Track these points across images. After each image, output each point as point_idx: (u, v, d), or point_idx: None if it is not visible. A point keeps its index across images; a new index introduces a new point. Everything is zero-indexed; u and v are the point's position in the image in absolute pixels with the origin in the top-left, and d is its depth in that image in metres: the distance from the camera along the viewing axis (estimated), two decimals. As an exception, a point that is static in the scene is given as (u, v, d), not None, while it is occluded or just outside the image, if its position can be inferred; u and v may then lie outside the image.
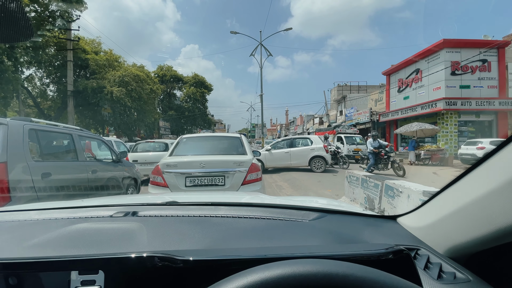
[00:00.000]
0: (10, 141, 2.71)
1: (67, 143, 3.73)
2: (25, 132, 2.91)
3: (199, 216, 0.98)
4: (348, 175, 5.32)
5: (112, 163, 4.59)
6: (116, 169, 4.60)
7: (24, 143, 2.85)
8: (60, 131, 3.65)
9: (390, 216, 1.05)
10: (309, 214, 1.03)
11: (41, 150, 3.22)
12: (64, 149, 3.77)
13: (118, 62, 22.82)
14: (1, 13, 0.51)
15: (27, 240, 0.77)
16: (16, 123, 2.87)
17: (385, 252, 0.59)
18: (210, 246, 0.75)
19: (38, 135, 3.15)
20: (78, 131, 3.92)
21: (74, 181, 3.49)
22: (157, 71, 35.08)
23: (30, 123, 3.07)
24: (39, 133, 3.17)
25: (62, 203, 1.30)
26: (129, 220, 0.94)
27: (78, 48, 18.05)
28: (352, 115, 24.97)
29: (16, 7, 0.53)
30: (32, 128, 3.04)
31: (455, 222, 0.69)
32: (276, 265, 0.45)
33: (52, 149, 3.63)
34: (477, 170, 0.64)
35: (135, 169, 5.47)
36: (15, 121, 2.90)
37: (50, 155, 3.48)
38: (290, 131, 52.54)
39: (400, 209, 3.27)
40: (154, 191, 3.46)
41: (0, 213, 1.10)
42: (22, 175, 2.77)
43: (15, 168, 2.70)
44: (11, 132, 2.75)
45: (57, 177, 3.19)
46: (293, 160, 10.66)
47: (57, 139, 3.77)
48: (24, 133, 2.90)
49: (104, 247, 0.72)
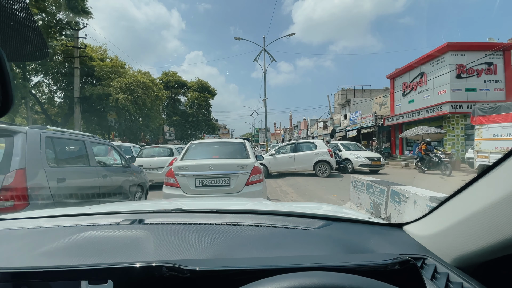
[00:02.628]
0: (29, 149, 2.83)
1: (80, 149, 3.88)
2: (42, 139, 3.05)
3: (205, 223, 0.99)
4: (353, 180, 5.28)
5: (122, 168, 4.76)
6: (125, 173, 4.76)
7: (41, 150, 2.99)
8: (73, 138, 3.81)
9: (397, 224, 1.04)
10: (315, 222, 1.03)
11: (56, 156, 3.36)
12: (77, 155, 3.91)
13: (123, 68, 23.16)
14: (18, 32, 0.53)
15: (36, 248, 0.78)
16: (34, 131, 3.01)
17: (391, 263, 0.59)
18: (216, 254, 0.75)
19: (53, 142, 3.30)
20: (90, 137, 4.07)
21: (86, 186, 3.64)
22: (161, 77, 35.53)
23: (46, 131, 3.22)
24: (54, 140, 3.32)
25: (70, 209, 1.32)
26: (136, 228, 0.95)
27: (85, 55, 18.40)
28: (357, 119, 24.85)
29: (31, 27, 0.55)
30: (48, 135, 3.19)
31: (463, 231, 0.69)
32: (282, 278, 0.45)
33: (66, 155, 3.78)
34: (485, 178, 0.63)
35: (143, 173, 5.61)
36: (32, 129, 3.04)
37: (65, 161, 3.63)
38: (294, 135, 52.45)
39: (406, 215, 3.23)
40: (168, 191, 3.86)
41: (10, 221, 1.12)
42: (40, 180, 2.89)
43: (33, 173, 2.82)
44: (29, 140, 2.88)
45: (71, 181, 3.33)
46: (298, 165, 10.60)
47: (71, 145, 3.92)
48: (41, 140, 3.04)
49: (112, 256, 0.73)
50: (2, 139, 2.88)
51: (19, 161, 2.72)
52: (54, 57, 17.90)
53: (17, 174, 2.67)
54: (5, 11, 0.47)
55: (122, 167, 4.79)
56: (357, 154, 11.69)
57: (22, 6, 0.48)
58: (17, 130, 2.87)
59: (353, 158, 11.51)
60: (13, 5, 0.47)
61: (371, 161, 11.21)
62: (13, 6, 0.47)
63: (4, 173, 2.65)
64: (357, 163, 11.29)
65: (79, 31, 16.59)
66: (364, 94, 30.60)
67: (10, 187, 2.61)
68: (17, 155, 2.74)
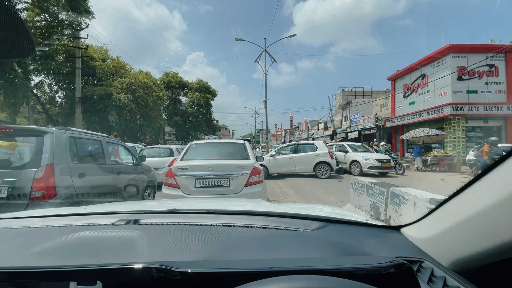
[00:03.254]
0: (56, 147, 3.24)
1: (97, 148, 4.28)
2: (66, 139, 3.45)
3: (200, 224, 0.98)
4: (353, 181, 5.26)
5: (133, 166, 5.16)
6: (136, 171, 5.19)
7: (65, 148, 3.39)
8: (92, 138, 4.20)
9: (394, 226, 1.03)
10: (311, 224, 1.02)
11: (78, 154, 3.73)
12: (95, 153, 4.27)
13: (125, 69, 23.22)
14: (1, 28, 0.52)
15: (29, 248, 0.78)
16: (60, 132, 3.43)
17: (387, 266, 0.58)
18: (211, 256, 0.74)
19: (75, 142, 3.68)
20: (106, 138, 4.53)
21: (102, 181, 4.04)
22: (163, 77, 35.60)
23: (69, 131, 3.62)
24: (76, 140, 3.70)
25: (65, 209, 1.31)
26: (130, 229, 0.94)
27: (87, 55, 18.46)
28: (357, 120, 24.84)
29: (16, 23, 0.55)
30: (71, 136, 3.59)
31: (460, 234, 0.67)
32: (271, 281, 0.45)
33: (85, 153, 4.13)
34: (484, 180, 0.62)
35: (152, 172, 6.01)
36: (58, 130, 3.45)
37: (85, 159, 4.00)
38: (295, 136, 52.42)
39: (406, 217, 3.21)
40: (168, 191, 3.86)
41: (4, 220, 1.12)
42: (64, 175, 3.27)
43: (59, 168, 3.20)
44: (56, 140, 3.28)
45: (90, 177, 3.72)
46: (298, 166, 10.56)
47: (90, 145, 4.27)
48: (66, 140, 3.45)
49: (104, 257, 0.72)
50: (31, 139, 3.39)
51: (48, 158, 3.11)
52: (55, 57, 17.97)
53: (47, 169, 3.06)
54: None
55: (133, 165, 5.16)
56: (366, 155, 11.16)
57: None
58: (46, 131, 3.28)
59: (361, 159, 11.00)
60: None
61: (380, 163, 10.69)
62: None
63: (35, 167, 3.03)
64: (366, 165, 10.77)
65: (81, 31, 16.65)
66: (365, 95, 30.57)
67: (41, 179, 2.99)
68: (46, 152, 3.13)
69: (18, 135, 3.57)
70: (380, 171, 10.89)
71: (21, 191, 2.95)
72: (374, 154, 11.63)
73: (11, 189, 2.94)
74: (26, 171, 3.04)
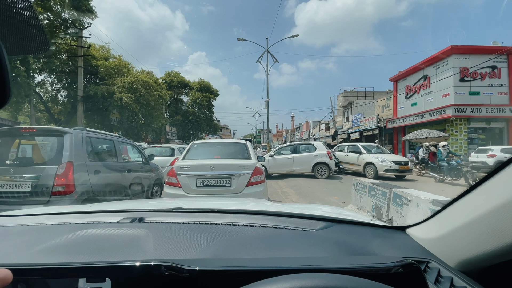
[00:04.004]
0: (75, 146, 3.49)
1: (110, 147, 4.55)
2: (83, 138, 3.71)
3: (205, 223, 0.98)
4: (355, 182, 5.25)
5: (142, 164, 5.41)
6: (145, 169, 5.47)
7: (83, 147, 3.65)
8: (105, 138, 4.46)
9: (399, 227, 1.03)
10: (316, 223, 1.02)
11: (93, 152, 3.97)
12: (108, 152, 4.52)
13: (127, 68, 23.26)
14: (16, 23, 0.53)
15: (35, 245, 0.78)
16: (78, 132, 3.68)
17: (395, 266, 0.58)
18: (216, 254, 0.74)
19: (91, 141, 3.93)
20: (118, 137, 4.83)
21: (115, 177, 4.29)
22: (164, 77, 35.67)
23: (86, 131, 3.88)
24: (91, 139, 3.95)
25: (70, 207, 1.31)
26: (136, 227, 0.95)
27: (89, 54, 18.51)
28: (359, 121, 24.80)
29: (32, 19, 0.55)
30: (87, 135, 3.84)
31: (467, 234, 0.67)
32: (284, 279, 0.44)
33: (100, 152, 4.37)
34: (491, 181, 0.62)
35: (159, 170, 6.25)
36: (76, 130, 3.69)
37: (99, 157, 4.23)
38: (296, 137, 52.38)
39: (409, 218, 3.20)
40: (169, 190, 3.90)
41: (10, 217, 1.12)
42: (82, 171, 3.52)
43: (78, 165, 3.45)
44: (75, 139, 3.54)
45: (104, 174, 3.96)
46: (296, 166, 10.53)
47: (103, 144, 4.52)
48: (83, 139, 3.70)
49: (111, 254, 0.72)
50: (51, 138, 3.67)
51: (68, 155, 3.37)
52: (58, 56, 18.02)
53: (67, 165, 3.32)
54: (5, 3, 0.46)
55: (142, 163, 5.42)
56: (382, 157, 10.26)
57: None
58: (66, 131, 3.54)
59: (377, 162, 10.13)
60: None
61: (398, 165, 9.77)
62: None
63: (57, 164, 3.30)
64: (383, 167, 9.89)
65: (83, 30, 16.69)
66: (366, 96, 30.51)
67: (62, 175, 3.25)
68: (66, 151, 3.39)
69: (40, 135, 3.89)
70: (397, 174, 9.89)
71: (44, 185, 3.20)
72: (391, 156, 10.81)
73: (34, 183, 3.19)
74: (48, 168, 3.30)
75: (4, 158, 3.59)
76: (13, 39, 0.55)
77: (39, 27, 0.56)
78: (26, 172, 3.25)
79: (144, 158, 5.55)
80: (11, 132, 3.68)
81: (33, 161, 3.76)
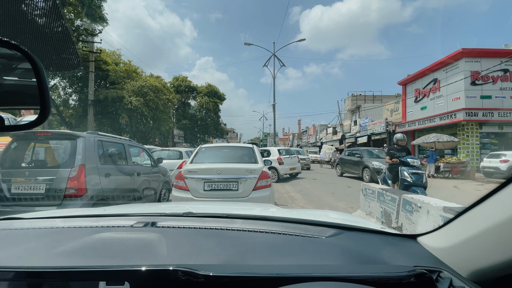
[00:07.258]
0: (87, 149, 3.58)
1: (120, 150, 4.63)
2: (95, 142, 3.80)
3: (216, 228, 0.99)
4: (363, 187, 5.19)
5: (151, 167, 5.49)
6: (154, 172, 5.53)
7: (95, 151, 3.73)
8: (116, 141, 4.55)
9: (411, 235, 1.02)
10: (326, 230, 1.01)
11: (104, 155, 4.04)
12: (118, 155, 4.59)
13: (136, 73, 23.71)
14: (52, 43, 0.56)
15: (53, 248, 0.80)
16: (90, 136, 3.77)
17: (406, 275, 0.58)
18: (227, 260, 0.75)
19: (103, 145, 4.01)
20: (128, 141, 4.92)
21: (125, 180, 4.36)
22: (172, 81, 36.15)
23: (98, 135, 3.97)
24: (103, 143, 4.03)
25: (85, 210, 1.35)
26: (149, 231, 0.96)
27: (100, 59, 18.96)
28: (367, 125, 24.54)
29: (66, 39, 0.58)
30: (99, 139, 3.93)
31: (481, 244, 0.66)
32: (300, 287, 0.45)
33: (110, 155, 4.44)
34: (506, 190, 0.61)
35: (167, 173, 6.35)
36: (89, 134, 3.79)
37: (110, 160, 4.31)
38: (303, 140, 52.10)
39: (419, 225, 3.15)
40: (177, 193, 3.92)
41: (27, 220, 1.15)
42: (94, 174, 3.59)
43: (89, 168, 3.53)
44: (87, 143, 3.63)
45: (114, 176, 4.03)
46: None
47: (114, 147, 4.58)
48: (95, 143, 3.79)
49: (127, 258, 0.74)
50: (65, 142, 3.77)
51: (81, 159, 3.46)
52: (70, 61, 18.48)
53: (79, 169, 3.40)
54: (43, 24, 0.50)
55: (151, 166, 5.49)
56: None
57: (57, 18, 0.51)
58: (79, 135, 3.62)
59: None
60: (49, 18, 0.50)
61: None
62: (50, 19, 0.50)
63: (70, 167, 3.38)
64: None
65: (95, 36, 17.15)
66: (374, 100, 30.19)
67: (75, 178, 3.33)
68: (79, 154, 3.47)
69: (55, 139, 4.01)
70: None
71: (57, 187, 3.27)
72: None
73: (48, 186, 3.27)
74: (61, 170, 3.38)
75: (20, 161, 3.67)
76: (49, 56, 0.58)
77: (72, 44, 0.59)
78: (40, 175, 3.32)
79: (153, 161, 5.64)
80: (27, 136, 3.75)
81: (47, 164, 3.82)
